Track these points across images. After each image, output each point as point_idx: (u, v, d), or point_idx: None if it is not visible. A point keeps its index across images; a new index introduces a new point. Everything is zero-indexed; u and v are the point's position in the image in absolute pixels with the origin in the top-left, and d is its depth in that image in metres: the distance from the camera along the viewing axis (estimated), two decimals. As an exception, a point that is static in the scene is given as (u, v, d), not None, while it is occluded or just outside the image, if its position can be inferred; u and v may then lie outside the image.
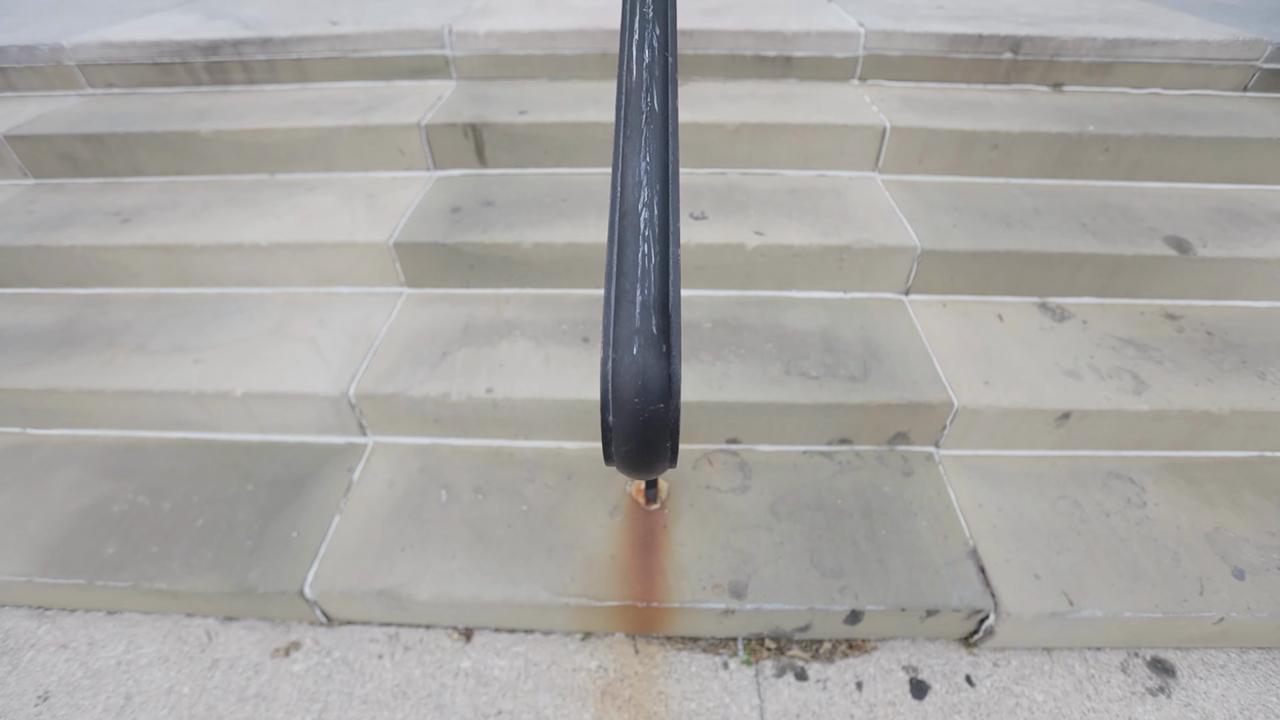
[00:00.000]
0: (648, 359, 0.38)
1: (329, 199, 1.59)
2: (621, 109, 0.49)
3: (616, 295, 0.41)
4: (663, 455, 0.41)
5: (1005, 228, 1.49)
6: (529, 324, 1.37)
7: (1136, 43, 1.84)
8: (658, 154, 0.46)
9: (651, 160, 0.46)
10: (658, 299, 0.40)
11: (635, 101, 0.49)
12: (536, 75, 1.79)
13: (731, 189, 1.55)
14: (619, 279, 0.42)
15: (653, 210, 0.43)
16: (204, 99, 1.88)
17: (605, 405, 0.40)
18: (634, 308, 0.40)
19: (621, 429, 0.39)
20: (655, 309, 0.40)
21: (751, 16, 1.83)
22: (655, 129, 0.47)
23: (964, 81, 1.85)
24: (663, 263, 0.42)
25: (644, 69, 0.51)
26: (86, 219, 1.63)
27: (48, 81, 2.02)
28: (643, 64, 0.51)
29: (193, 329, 1.45)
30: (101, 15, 2.25)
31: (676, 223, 0.44)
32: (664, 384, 0.38)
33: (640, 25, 0.53)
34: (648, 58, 0.51)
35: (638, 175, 0.45)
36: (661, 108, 0.49)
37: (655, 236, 0.42)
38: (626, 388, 0.38)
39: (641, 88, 0.50)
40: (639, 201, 0.44)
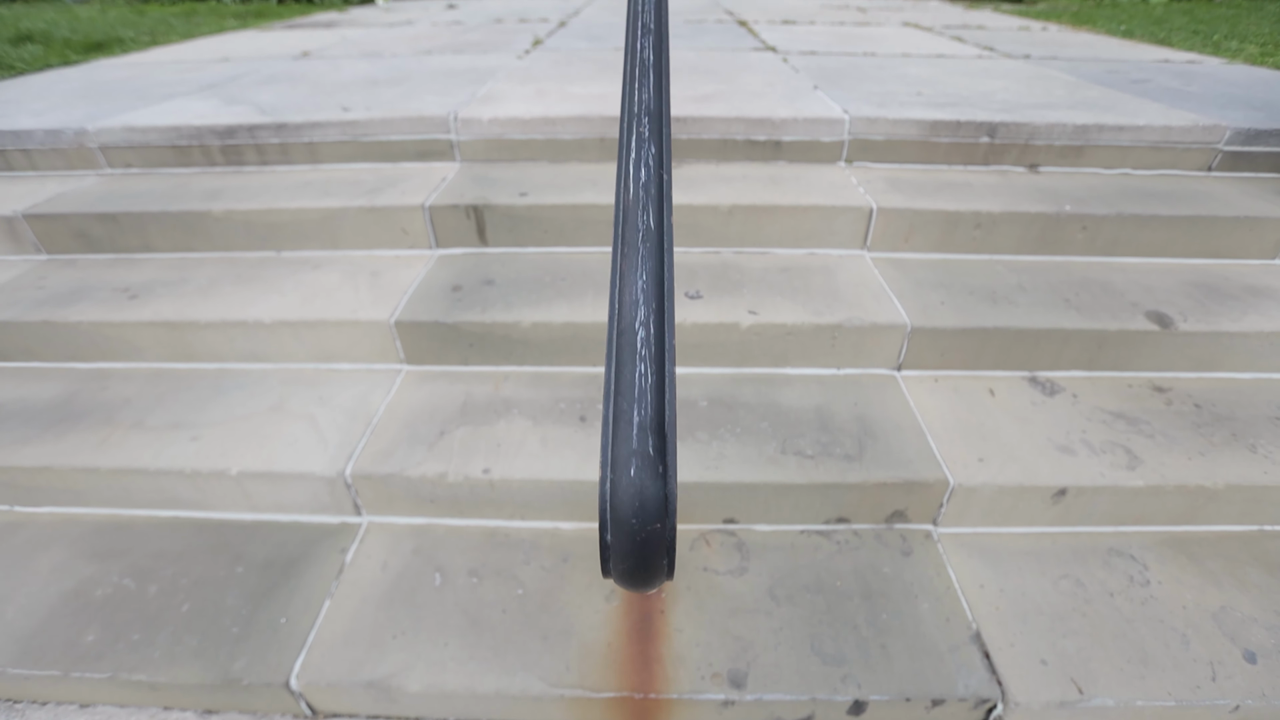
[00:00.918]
0: (645, 480, 0.40)
1: (333, 276, 1.63)
2: (619, 226, 0.52)
3: (614, 415, 0.43)
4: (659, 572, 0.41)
5: (992, 304, 1.53)
6: (527, 402, 1.38)
7: (1105, 128, 1.95)
8: (654, 272, 0.49)
9: (648, 279, 0.48)
10: (654, 420, 0.42)
11: (632, 219, 0.52)
12: (537, 158, 1.88)
13: (726, 268, 1.60)
14: (617, 399, 0.43)
15: (649, 329, 0.45)
16: (218, 179, 1.96)
17: (604, 524, 0.41)
18: (631, 429, 0.42)
19: (619, 548, 0.40)
20: (652, 430, 0.42)
21: (742, 104, 1.94)
22: (651, 247, 0.50)
23: (945, 163, 1.94)
24: (659, 382, 0.43)
25: (640, 187, 0.54)
26: (95, 294, 1.66)
27: (69, 162, 2.10)
28: (639, 182, 0.54)
29: (192, 405, 1.45)
30: (126, 101, 2.37)
31: (672, 340, 0.46)
32: (660, 504, 0.40)
33: (637, 144, 0.57)
34: (644, 176, 0.55)
35: (634, 294, 0.47)
36: (657, 226, 0.52)
37: (652, 356, 0.44)
38: (624, 508, 0.39)
39: (638, 206, 0.53)
40: (636, 320, 0.46)
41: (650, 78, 0.63)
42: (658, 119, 0.59)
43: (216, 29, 4.37)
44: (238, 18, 4.94)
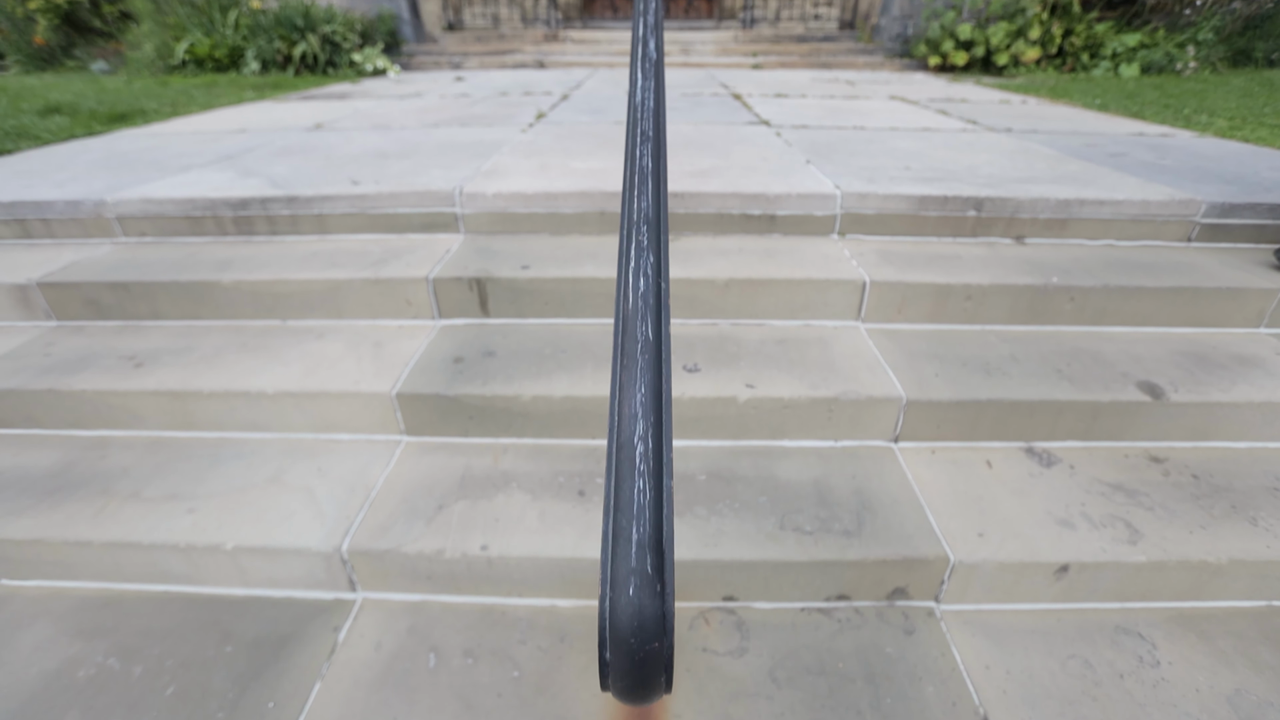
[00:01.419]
0: (643, 599, 0.40)
1: (337, 346, 1.66)
2: (619, 336, 0.55)
3: (614, 532, 0.44)
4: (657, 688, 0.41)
5: (985, 375, 1.55)
6: (526, 475, 1.39)
7: (1086, 202, 2.02)
8: (652, 384, 0.51)
9: (646, 391, 0.50)
10: (652, 537, 0.43)
11: (631, 330, 0.55)
12: (539, 231, 1.94)
13: (723, 340, 1.63)
14: (616, 515, 0.45)
15: (647, 443, 0.47)
16: (228, 248, 2.01)
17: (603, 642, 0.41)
18: (630, 546, 0.43)
19: (618, 665, 0.40)
20: (650, 547, 0.43)
21: (737, 179, 2.02)
22: (650, 359, 0.52)
23: (935, 235, 2.00)
24: (656, 498, 0.45)
25: (639, 297, 0.57)
26: (101, 362, 1.68)
27: (86, 230, 2.16)
28: (638, 292, 0.57)
29: (190, 476, 1.45)
30: (144, 171, 2.46)
31: (669, 454, 0.48)
32: (659, 623, 0.40)
33: (636, 253, 0.60)
34: (643, 286, 0.57)
35: (633, 407, 0.49)
36: (655, 336, 0.54)
37: (650, 471, 0.46)
38: (623, 627, 0.40)
39: (637, 315, 0.55)
40: (634, 434, 0.48)
41: (649, 185, 0.66)
42: (655, 227, 0.63)
43: (235, 100, 4.57)
44: (256, 89, 5.16)
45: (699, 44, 6.80)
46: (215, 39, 6.23)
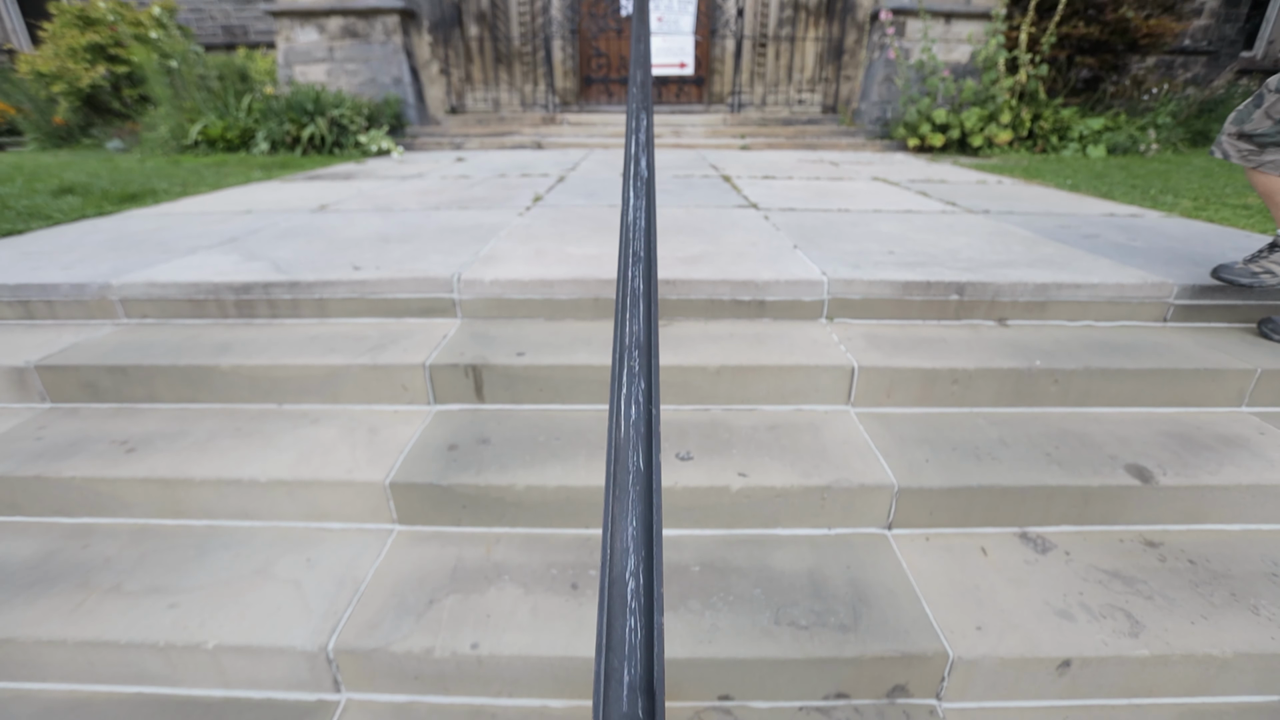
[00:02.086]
0: (635, 748, 0.41)
1: (332, 432, 1.67)
2: (611, 465, 0.56)
3: (606, 672, 0.44)
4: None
5: (976, 460, 1.57)
6: (518, 567, 1.37)
7: (1063, 286, 2.10)
8: (643, 517, 0.52)
9: (638, 524, 0.51)
10: (644, 679, 0.43)
11: (623, 459, 0.56)
12: (534, 316, 1.99)
13: (715, 426, 1.65)
14: (608, 654, 0.45)
15: (639, 579, 0.48)
16: (229, 331, 2.05)
17: (595, 792, 0.41)
18: (622, 689, 0.43)
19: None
20: (642, 690, 0.43)
21: (727, 266, 2.09)
22: (641, 490, 0.54)
23: (920, 318, 2.06)
24: (648, 637, 0.45)
25: (631, 425, 0.59)
26: (92, 447, 1.68)
27: (89, 312, 2.19)
28: (629, 420, 0.59)
29: (174, 567, 1.42)
30: (151, 254, 2.52)
31: (660, 589, 0.49)
32: (651, 771, 0.40)
33: (628, 379, 0.63)
34: (634, 414, 0.60)
35: (625, 541, 0.51)
36: (646, 466, 0.56)
37: (641, 608, 0.47)
38: (616, 776, 0.40)
39: (629, 445, 0.57)
40: (626, 570, 0.49)
41: (640, 308, 0.70)
42: (647, 352, 0.65)
43: (244, 180, 4.74)
44: (264, 168, 5.37)
45: (689, 126, 7.16)
46: (228, 121, 6.52)
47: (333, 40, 7.26)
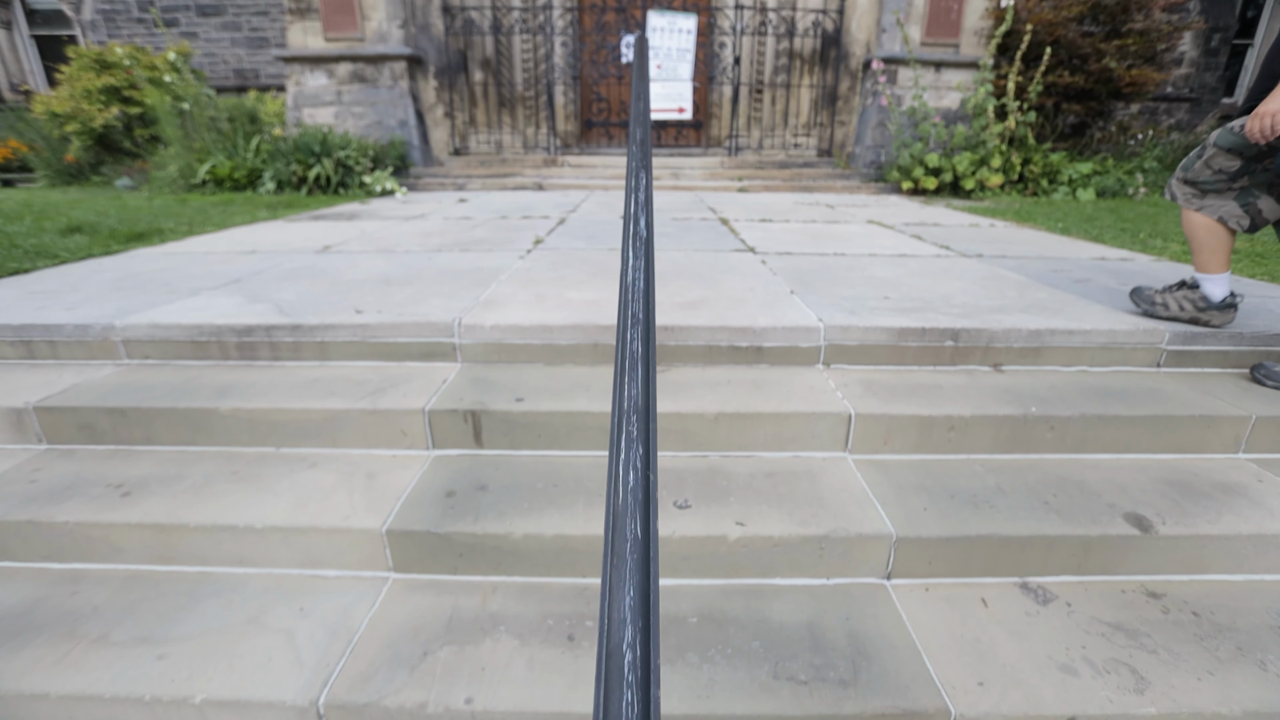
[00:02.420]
0: (632, 830, 0.40)
1: (330, 477, 1.66)
2: (609, 532, 0.57)
3: (603, 753, 0.44)
4: None
5: (974, 509, 1.57)
6: (514, 618, 1.35)
7: (1056, 332, 2.13)
8: (640, 587, 0.53)
9: (635, 594, 0.52)
10: (640, 757, 0.43)
11: (621, 527, 0.57)
12: (534, 361, 2.01)
13: (713, 473, 1.66)
14: (605, 732, 0.45)
15: (636, 651, 0.48)
16: (230, 373, 2.06)
17: None
18: (618, 766, 0.43)
19: None
20: (639, 768, 0.43)
21: (725, 312, 2.12)
22: (639, 559, 0.54)
23: (915, 364, 2.08)
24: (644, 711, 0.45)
25: (629, 492, 0.59)
26: (87, 491, 1.67)
27: (91, 353, 2.21)
28: (627, 486, 0.60)
29: (165, 616, 1.40)
30: (156, 294, 2.55)
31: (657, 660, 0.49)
32: None
33: (626, 444, 0.64)
34: (632, 480, 0.60)
35: (622, 611, 0.51)
36: (644, 534, 0.57)
37: (638, 681, 0.47)
38: None
39: (627, 512, 0.58)
40: (624, 642, 0.49)
41: (639, 371, 0.71)
42: (645, 416, 0.67)
43: (249, 219, 4.81)
44: (269, 208, 5.46)
45: (688, 169, 7.33)
46: (236, 162, 6.66)
47: (341, 85, 7.47)
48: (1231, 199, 2.08)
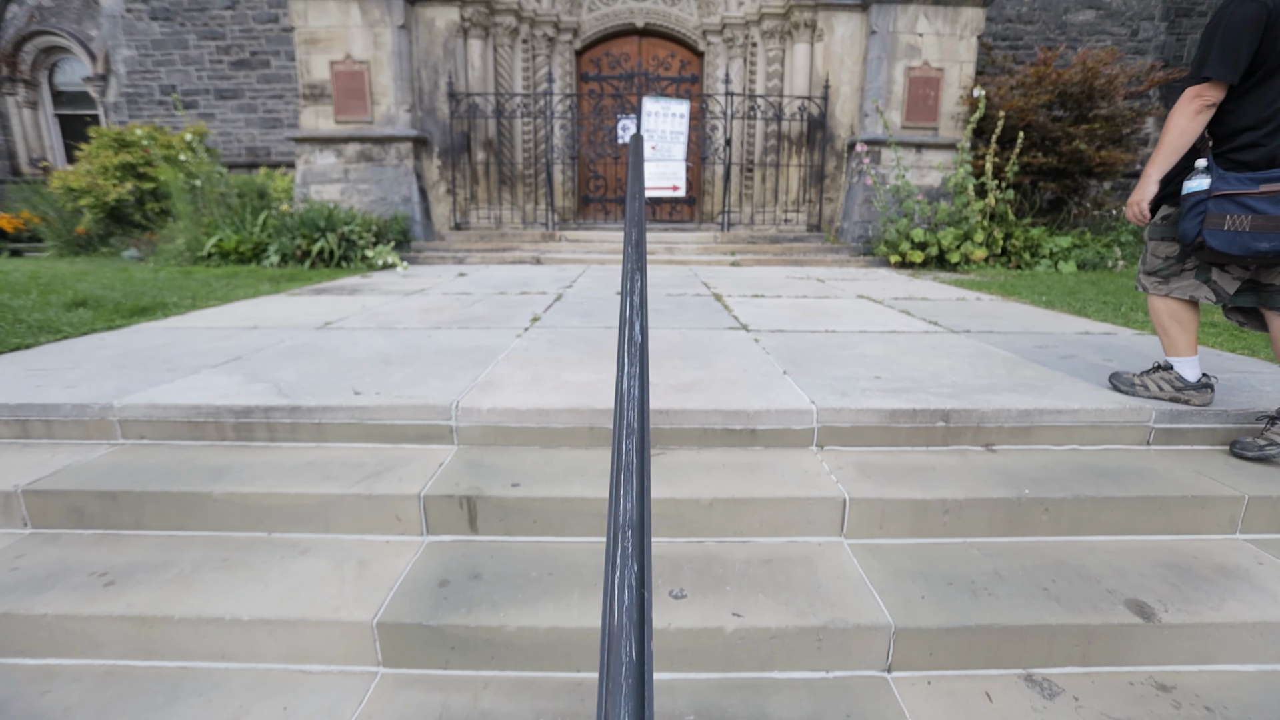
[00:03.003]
0: None
1: (321, 564, 1.64)
2: (604, 654, 0.57)
3: None
4: None
5: (972, 597, 1.55)
6: (507, 716, 1.31)
7: (1045, 411, 2.16)
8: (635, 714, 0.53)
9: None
10: None
11: (616, 650, 0.58)
12: (530, 444, 2.02)
13: (709, 560, 1.64)
14: None
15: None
16: (226, 454, 2.05)
17: None
18: None
19: None
20: None
21: (719, 394, 2.16)
22: (633, 684, 0.55)
23: (908, 444, 2.10)
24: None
25: (624, 612, 0.60)
26: (70, 579, 1.64)
27: (86, 432, 2.20)
28: (622, 606, 0.61)
29: (139, 716, 1.35)
30: (156, 372, 2.57)
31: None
32: None
33: (621, 561, 0.65)
34: (627, 600, 0.61)
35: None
36: (639, 657, 0.57)
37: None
38: None
39: (622, 633, 0.59)
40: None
41: (634, 484, 0.73)
42: (640, 532, 0.68)
43: (252, 292, 4.91)
44: (272, 281, 5.58)
45: (682, 244, 7.56)
46: (242, 236, 6.85)
47: (348, 163, 7.80)
48: (1191, 277, 2.15)
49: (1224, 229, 1.88)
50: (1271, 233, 1.83)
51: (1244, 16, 1.77)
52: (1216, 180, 1.90)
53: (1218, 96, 1.86)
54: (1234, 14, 1.79)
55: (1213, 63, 1.81)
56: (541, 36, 8.66)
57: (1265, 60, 1.80)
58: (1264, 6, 1.76)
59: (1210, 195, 1.90)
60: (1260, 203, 1.83)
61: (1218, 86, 1.85)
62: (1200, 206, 1.92)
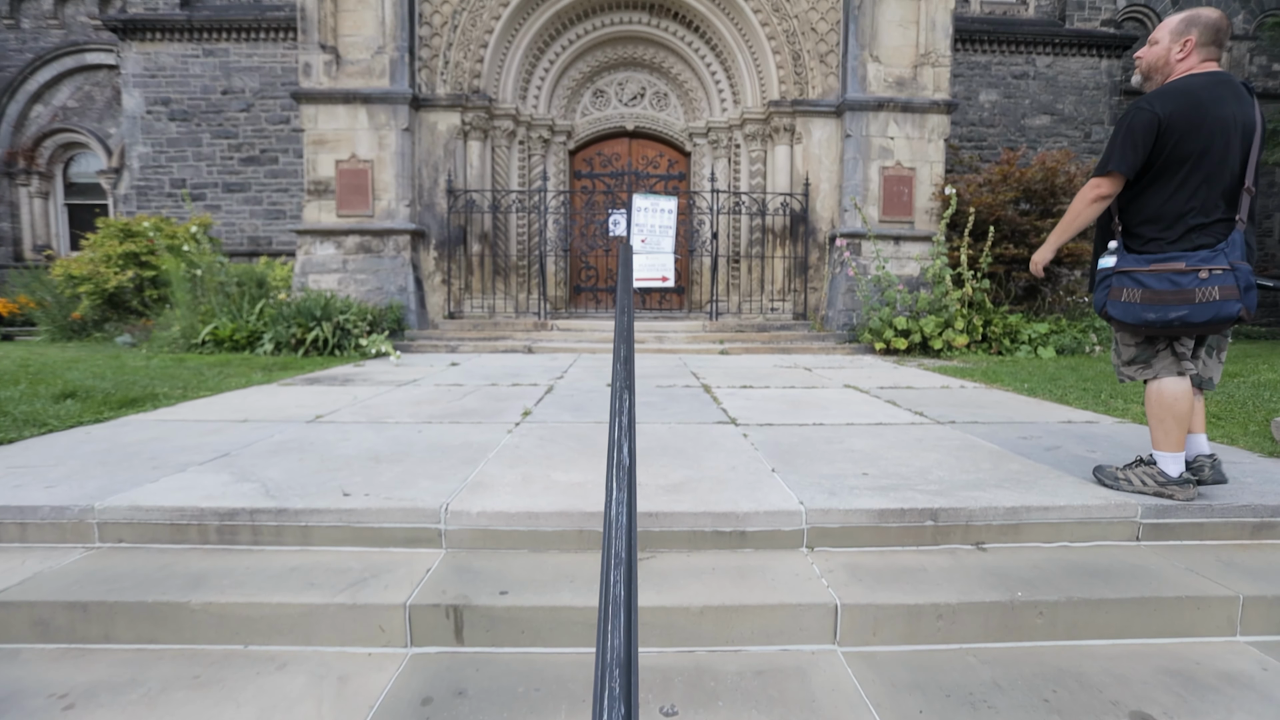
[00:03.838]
0: None
1: (299, 680, 1.58)
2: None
3: None
4: None
5: (971, 710, 1.50)
6: None
7: (1032, 509, 2.18)
8: None
9: None
10: None
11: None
12: (519, 547, 2.00)
13: (700, 672, 1.60)
14: None
15: None
16: (206, 559, 2.01)
17: None
18: None
19: None
20: None
21: (708, 495, 2.17)
22: None
23: (898, 544, 2.10)
24: None
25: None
26: (26, 703, 1.55)
27: (62, 535, 2.15)
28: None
29: None
30: (141, 469, 2.55)
31: None
32: None
33: (609, 705, 0.65)
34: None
35: None
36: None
37: None
38: None
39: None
40: None
41: (621, 619, 0.74)
42: (627, 670, 0.69)
43: (244, 382, 4.93)
44: (265, 370, 5.61)
45: (671, 333, 7.74)
46: (238, 324, 6.95)
47: (347, 254, 8.05)
48: (1168, 355, 2.20)
49: (1121, 300, 2.16)
50: (1157, 305, 2.08)
51: (1141, 121, 2.05)
52: (1120, 259, 2.18)
53: (1114, 189, 2.14)
54: (1134, 119, 2.08)
55: (1114, 158, 2.10)
56: (537, 138, 9.23)
57: (1156, 161, 2.08)
58: (1157, 116, 2.03)
59: (1115, 271, 2.18)
60: (1149, 279, 2.09)
61: (1116, 180, 2.12)
62: (1107, 280, 2.21)
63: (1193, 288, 2.03)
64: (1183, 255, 2.06)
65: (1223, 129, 2.01)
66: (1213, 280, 2.01)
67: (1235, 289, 2.01)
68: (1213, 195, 2.05)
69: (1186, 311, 2.04)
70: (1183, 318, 2.05)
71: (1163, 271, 2.07)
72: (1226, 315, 2.03)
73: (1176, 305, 2.05)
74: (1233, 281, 2.01)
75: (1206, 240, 2.06)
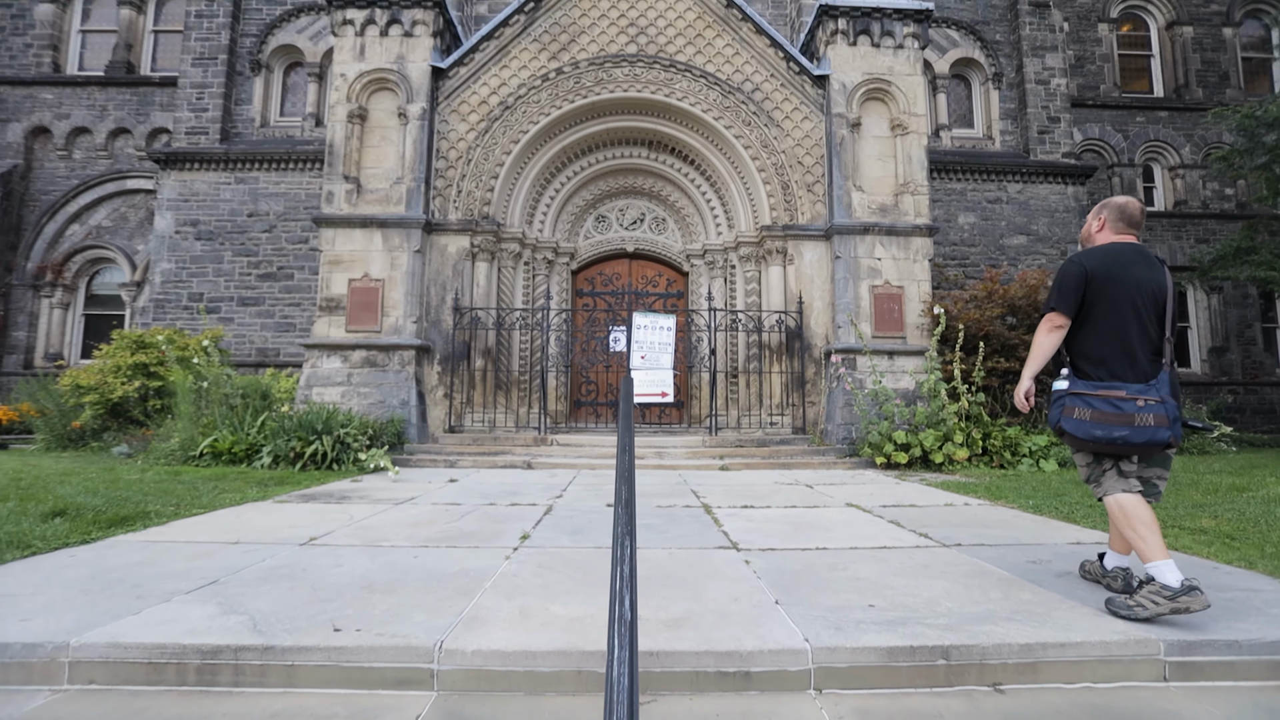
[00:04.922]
0: None
1: None
2: None
3: None
4: None
5: None
6: None
7: (1048, 646, 2.09)
8: None
9: None
10: None
11: None
12: (514, 689, 1.90)
13: (705, 844, 1.47)
14: None
15: None
16: (181, 703, 1.90)
17: None
18: None
19: None
20: None
21: (710, 631, 2.09)
22: None
23: (910, 686, 1.99)
24: None
25: None
26: None
27: (28, 676, 2.03)
28: None
29: None
30: (124, 599, 2.46)
31: None
32: None
33: None
34: None
35: None
36: None
37: None
38: None
39: None
40: None
41: None
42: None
43: (239, 499, 4.85)
44: (260, 485, 5.54)
45: (671, 448, 7.72)
46: (238, 437, 6.95)
47: (353, 368, 8.21)
48: (1115, 475, 2.47)
49: (1074, 417, 2.46)
50: (1102, 423, 2.39)
51: (1072, 273, 2.53)
52: (1071, 383, 2.52)
53: (1065, 321, 2.55)
54: (1066, 271, 2.56)
55: (1057, 301, 2.54)
56: (542, 259, 9.73)
57: (1087, 305, 2.50)
58: (1084, 269, 2.49)
59: (1067, 393, 2.51)
60: (1097, 401, 2.42)
61: (1063, 315, 2.54)
62: (1061, 400, 2.53)
63: (1132, 412, 2.36)
64: (1123, 385, 2.40)
65: (1136, 284, 2.44)
66: (1148, 409, 2.35)
67: (1166, 418, 2.35)
68: (1135, 340, 2.43)
69: (1128, 432, 2.36)
70: (1124, 437, 2.36)
71: (1107, 396, 2.41)
72: (1159, 440, 2.36)
73: (1119, 425, 2.37)
74: (1164, 411, 2.35)
75: (1138, 376, 2.41)
